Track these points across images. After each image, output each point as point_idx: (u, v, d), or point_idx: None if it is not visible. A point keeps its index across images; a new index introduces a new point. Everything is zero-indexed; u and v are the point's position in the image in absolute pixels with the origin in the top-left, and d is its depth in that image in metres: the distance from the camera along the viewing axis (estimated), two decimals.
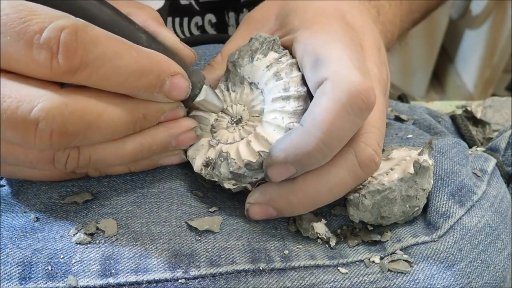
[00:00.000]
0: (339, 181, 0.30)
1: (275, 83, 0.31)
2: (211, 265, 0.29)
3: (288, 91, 0.30)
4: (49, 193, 0.31)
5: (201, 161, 0.31)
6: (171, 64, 0.28)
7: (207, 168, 0.31)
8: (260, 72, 0.32)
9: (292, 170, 0.29)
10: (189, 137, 0.31)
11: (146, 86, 0.27)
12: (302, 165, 0.29)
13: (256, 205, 0.31)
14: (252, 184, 0.31)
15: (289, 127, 0.30)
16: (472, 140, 0.44)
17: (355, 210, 0.33)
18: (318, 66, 0.29)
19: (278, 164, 0.29)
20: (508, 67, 1.37)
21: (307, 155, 0.28)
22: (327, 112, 0.27)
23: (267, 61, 0.32)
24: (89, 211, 0.30)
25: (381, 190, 0.32)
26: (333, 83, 0.28)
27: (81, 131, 0.25)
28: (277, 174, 0.29)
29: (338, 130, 0.28)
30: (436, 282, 0.30)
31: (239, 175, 0.30)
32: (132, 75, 0.26)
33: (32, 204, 0.30)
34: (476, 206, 0.34)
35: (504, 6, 1.29)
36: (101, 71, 0.25)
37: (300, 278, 0.30)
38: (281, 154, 0.28)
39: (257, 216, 0.32)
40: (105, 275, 0.27)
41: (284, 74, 0.31)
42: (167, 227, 0.30)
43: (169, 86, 0.28)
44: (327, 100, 0.28)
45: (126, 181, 0.32)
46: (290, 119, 0.30)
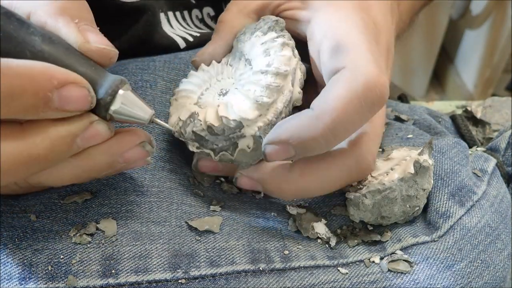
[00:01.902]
0: (333, 181, 0.31)
1: (262, 59, 0.31)
2: (211, 266, 0.29)
3: (269, 67, 0.30)
4: (48, 193, 0.31)
5: (175, 119, 0.31)
6: (54, 74, 0.23)
7: (177, 125, 0.30)
8: (254, 49, 0.32)
9: (291, 152, 0.28)
10: (136, 154, 0.27)
11: (23, 109, 0.22)
12: (303, 149, 0.28)
13: (246, 177, 0.31)
14: (214, 152, 0.31)
15: (256, 100, 0.29)
16: (472, 140, 0.44)
17: (355, 210, 0.33)
18: (337, 53, 0.29)
19: (279, 142, 0.27)
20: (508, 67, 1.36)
21: (311, 140, 0.27)
22: (340, 100, 0.27)
23: (263, 39, 0.32)
24: (89, 210, 0.30)
25: (382, 190, 0.32)
26: (350, 72, 0.28)
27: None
28: (275, 152, 0.28)
29: (348, 120, 0.27)
30: (436, 282, 0.30)
31: (200, 138, 0.30)
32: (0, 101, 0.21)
33: (32, 204, 0.30)
34: (476, 206, 0.34)
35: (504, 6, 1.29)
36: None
37: (300, 279, 0.30)
38: (285, 133, 0.27)
39: (244, 186, 0.32)
40: (105, 275, 0.27)
41: (273, 52, 0.31)
42: (167, 227, 0.30)
43: (58, 100, 0.23)
44: (342, 88, 0.27)
45: (126, 180, 0.32)
46: (261, 92, 0.29)
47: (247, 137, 0.30)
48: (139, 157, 0.27)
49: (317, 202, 0.35)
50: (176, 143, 0.35)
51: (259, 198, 0.35)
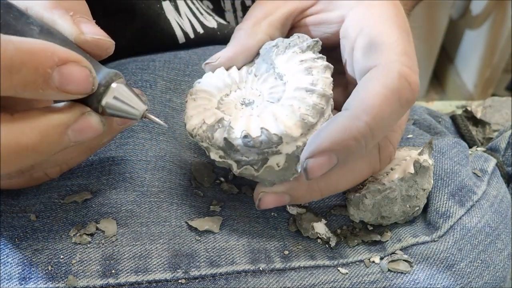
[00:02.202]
0: (360, 172, 0.30)
1: (304, 76, 0.29)
2: (211, 266, 0.29)
3: (315, 86, 0.29)
4: (48, 193, 0.31)
5: (197, 121, 0.29)
6: (55, 51, 0.22)
7: (201, 128, 0.29)
8: (291, 64, 0.30)
9: (334, 161, 0.26)
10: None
11: (22, 84, 0.21)
12: (346, 153, 0.26)
13: (271, 194, 0.30)
14: (239, 165, 0.29)
15: (302, 118, 0.27)
16: (472, 140, 0.44)
17: (355, 210, 0.33)
18: (371, 50, 0.29)
19: (323, 152, 0.26)
20: (508, 67, 1.36)
21: (354, 141, 0.26)
22: (377, 97, 0.26)
23: (302, 57, 0.30)
24: (89, 210, 0.30)
25: (382, 189, 0.32)
26: (385, 69, 0.27)
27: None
28: (318, 165, 0.26)
29: (386, 117, 0.26)
30: (436, 282, 0.30)
31: (231, 146, 0.28)
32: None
33: (32, 204, 0.30)
34: (476, 206, 0.34)
35: (504, 6, 1.29)
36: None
37: (300, 279, 0.30)
38: (326, 140, 0.26)
39: (269, 205, 0.30)
40: (105, 275, 0.27)
41: (316, 72, 0.29)
42: (167, 227, 0.30)
43: (59, 78, 0.22)
44: (378, 86, 0.27)
45: (126, 180, 0.32)
46: (306, 110, 0.28)
47: (281, 155, 0.28)
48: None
49: (317, 202, 0.35)
50: (176, 143, 0.35)
51: None
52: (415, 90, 0.27)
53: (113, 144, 0.33)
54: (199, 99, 0.30)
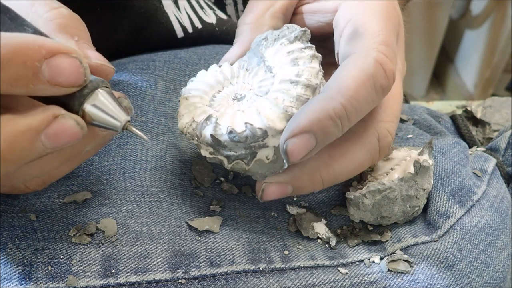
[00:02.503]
0: (360, 160, 0.31)
1: (290, 68, 0.30)
2: (211, 266, 0.29)
3: (299, 77, 0.29)
4: (48, 193, 0.31)
5: (188, 119, 0.29)
6: (42, 44, 0.21)
7: (190, 126, 0.29)
8: (278, 56, 0.31)
9: (312, 142, 0.27)
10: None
11: (12, 80, 0.21)
12: (323, 134, 0.27)
13: (274, 184, 0.30)
14: (229, 160, 0.29)
15: (286, 110, 0.28)
16: (472, 140, 0.44)
17: (355, 210, 0.33)
18: (353, 38, 0.30)
19: (301, 132, 0.26)
20: (508, 67, 1.36)
21: (330, 121, 0.26)
22: (352, 80, 0.27)
23: (289, 48, 0.31)
24: (89, 210, 0.30)
25: (382, 189, 0.32)
26: (362, 56, 0.28)
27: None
28: (298, 147, 0.26)
29: (361, 100, 0.27)
30: (436, 282, 0.30)
31: (218, 142, 0.28)
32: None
33: (31, 204, 0.30)
34: (476, 206, 0.34)
35: (504, 6, 1.29)
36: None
37: (300, 279, 0.30)
38: (303, 120, 0.26)
39: (271, 196, 0.30)
40: (105, 275, 0.27)
41: (302, 63, 0.30)
42: (167, 227, 0.30)
43: (48, 71, 0.21)
44: (354, 70, 0.28)
45: (126, 180, 0.32)
46: (290, 102, 0.28)
47: (269, 148, 0.29)
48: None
49: (317, 202, 0.35)
50: (176, 143, 0.35)
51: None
52: (390, 77, 0.28)
53: (113, 144, 0.33)
54: (191, 97, 0.31)
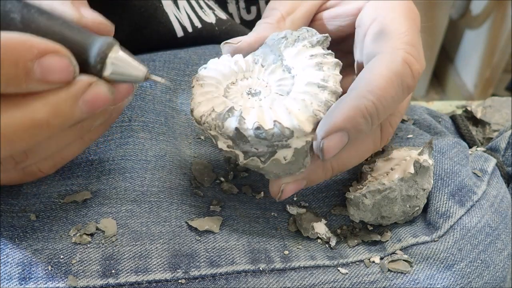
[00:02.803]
0: (365, 149, 0.32)
1: (315, 71, 0.30)
2: (211, 266, 0.29)
3: (327, 83, 0.29)
4: (48, 192, 0.31)
5: (206, 108, 0.29)
6: (33, 44, 0.22)
7: (210, 116, 0.28)
8: (300, 58, 0.30)
9: (345, 138, 0.28)
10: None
11: (5, 80, 0.21)
12: (356, 131, 0.28)
13: (292, 183, 0.30)
14: (246, 155, 0.29)
15: (315, 114, 0.28)
16: (472, 140, 0.44)
17: (355, 210, 0.33)
18: (381, 37, 0.31)
19: (336, 130, 0.27)
20: (508, 67, 1.36)
21: (362, 118, 0.28)
22: (382, 79, 0.28)
23: (312, 52, 0.31)
24: (89, 210, 0.30)
25: (382, 189, 0.32)
26: (391, 55, 0.29)
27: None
28: (333, 144, 0.28)
29: (389, 98, 0.28)
30: (436, 282, 0.30)
31: (241, 137, 0.28)
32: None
33: (31, 204, 0.30)
34: (476, 206, 0.34)
35: (504, 6, 1.29)
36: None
37: (300, 279, 0.30)
38: (339, 119, 0.27)
39: (289, 194, 0.31)
40: (105, 275, 0.27)
41: (327, 68, 0.30)
42: (167, 227, 0.30)
43: (40, 70, 0.22)
44: (384, 69, 0.29)
45: (126, 180, 0.32)
46: (318, 106, 0.28)
47: (290, 149, 0.28)
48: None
49: (317, 202, 0.35)
50: (176, 143, 0.35)
51: (259, 198, 0.35)
52: (416, 77, 0.30)
53: (113, 143, 0.33)
54: (206, 85, 0.30)
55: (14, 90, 0.22)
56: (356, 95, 0.28)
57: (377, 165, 0.34)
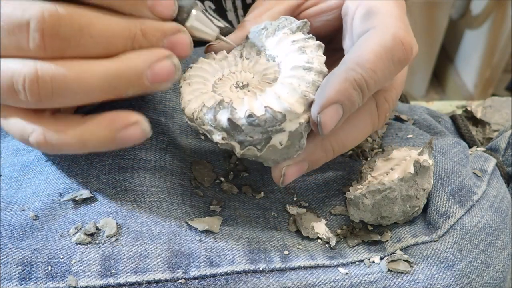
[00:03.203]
0: (363, 127, 0.32)
1: (298, 55, 0.30)
2: (210, 266, 0.29)
3: (311, 64, 0.29)
4: (47, 191, 0.31)
5: (196, 105, 0.29)
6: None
7: (201, 111, 0.29)
8: (283, 45, 0.31)
9: (340, 111, 0.28)
10: (166, 68, 0.27)
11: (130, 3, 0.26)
12: (349, 103, 0.28)
13: (293, 165, 0.31)
14: (242, 145, 0.29)
15: (304, 95, 0.28)
16: (472, 140, 0.44)
17: (355, 210, 0.33)
18: (368, 16, 0.31)
19: (330, 103, 0.28)
20: (508, 67, 1.36)
21: (353, 90, 0.28)
22: (371, 54, 0.29)
23: (293, 38, 0.31)
24: (89, 209, 0.30)
25: (382, 189, 0.32)
26: (380, 30, 0.30)
27: (72, 35, 0.25)
28: (329, 118, 0.28)
29: (378, 73, 0.29)
30: (436, 282, 0.30)
31: (235, 127, 0.28)
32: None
33: (30, 202, 0.30)
34: (476, 206, 0.34)
35: (504, 6, 1.29)
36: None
37: (300, 279, 0.30)
38: (331, 92, 0.28)
39: (292, 178, 0.31)
40: (105, 275, 0.27)
41: (309, 51, 0.30)
42: (167, 227, 0.30)
43: (152, 1, 0.27)
44: (373, 43, 0.29)
45: (126, 179, 0.32)
46: (307, 87, 0.29)
47: (284, 133, 0.29)
48: (168, 73, 0.27)
49: (317, 202, 0.35)
50: (176, 143, 0.35)
51: (259, 198, 0.35)
52: (407, 50, 0.30)
53: None
54: (194, 83, 0.31)
55: (128, 9, 0.27)
56: (346, 68, 0.28)
57: (377, 165, 0.34)
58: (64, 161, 0.33)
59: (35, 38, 0.25)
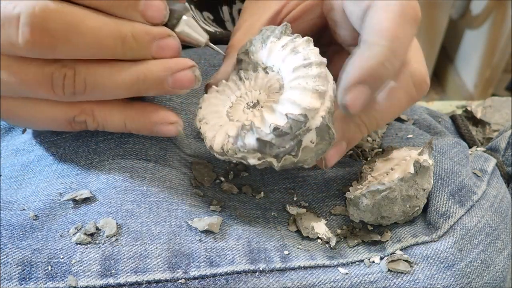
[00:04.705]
0: (398, 101, 0.32)
1: (293, 56, 0.30)
2: (210, 266, 0.29)
3: (309, 59, 0.30)
4: (47, 190, 0.31)
5: (221, 138, 0.30)
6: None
7: (228, 143, 0.29)
8: (275, 53, 0.31)
9: (367, 91, 0.28)
10: (186, 77, 0.30)
11: (126, 5, 0.27)
12: (376, 80, 0.28)
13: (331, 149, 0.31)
14: (278, 158, 0.30)
15: (315, 89, 0.29)
16: (472, 140, 0.44)
17: (355, 210, 0.33)
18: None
19: (354, 85, 0.28)
20: (508, 67, 1.37)
21: (379, 66, 0.28)
22: (387, 22, 0.28)
23: (281, 43, 0.31)
24: (89, 209, 0.30)
25: (382, 189, 0.32)
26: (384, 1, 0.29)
27: (62, 32, 0.25)
28: (355, 99, 0.28)
29: (401, 37, 0.28)
30: (436, 282, 0.30)
31: (265, 144, 0.29)
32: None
33: (30, 201, 0.30)
34: (476, 206, 0.34)
35: (504, 6, 1.29)
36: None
37: (300, 279, 0.30)
38: (355, 73, 0.28)
39: (334, 160, 0.32)
40: (105, 275, 0.27)
41: (301, 49, 0.30)
42: (167, 227, 0.30)
43: (143, 4, 0.28)
44: (384, 12, 0.29)
45: (126, 179, 0.32)
46: (314, 82, 0.29)
47: (312, 131, 0.29)
48: (188, 82, 0.30)
49: (317, 202, 0.35)
50: (176, 142, 0.35)
51: (259, 198, 0.35)
52: (416, 7, 0.30)
53: (113, 142, 0.33)
54: (210, 120, 0.31)
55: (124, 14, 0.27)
56: (368, 45, 0.28)
57: (377, 165, 0.34)
58: (64, 161, 0.33)
59: (25, 32, 0.25)
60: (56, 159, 0.33)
